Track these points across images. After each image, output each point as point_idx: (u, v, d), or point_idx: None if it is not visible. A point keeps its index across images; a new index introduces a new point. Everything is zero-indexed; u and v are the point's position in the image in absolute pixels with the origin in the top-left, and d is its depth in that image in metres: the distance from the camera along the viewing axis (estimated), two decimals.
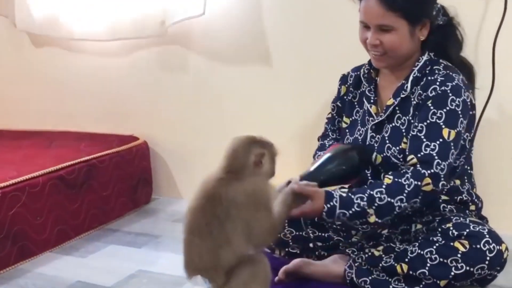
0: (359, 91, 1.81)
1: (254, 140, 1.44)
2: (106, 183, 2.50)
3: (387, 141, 1.69)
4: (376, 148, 1.71)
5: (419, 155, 1.56)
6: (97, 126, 2.89)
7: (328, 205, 1.53)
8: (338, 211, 1.53)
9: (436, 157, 1.54)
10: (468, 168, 1.74)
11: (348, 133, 1.81)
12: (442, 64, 1.67)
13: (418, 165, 1.55)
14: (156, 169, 2.80)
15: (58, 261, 2.13)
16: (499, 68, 1.99)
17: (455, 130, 1.57)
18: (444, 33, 1.68)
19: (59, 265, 2.10)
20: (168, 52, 2.68)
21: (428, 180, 1.52)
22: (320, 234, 1.82)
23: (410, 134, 1.61)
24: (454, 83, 1.60)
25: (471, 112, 1.66)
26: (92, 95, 2.90)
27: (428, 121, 1.58)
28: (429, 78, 1.63)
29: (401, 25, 1.57)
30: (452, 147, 1.57)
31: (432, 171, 1.53)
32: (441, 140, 1.56)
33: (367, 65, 1.80)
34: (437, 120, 1.57)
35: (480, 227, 1.51)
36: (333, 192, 1.55)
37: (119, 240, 2.32)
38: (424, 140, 1.57)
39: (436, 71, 1.64)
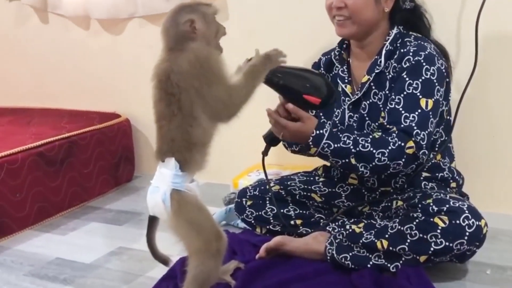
0: (331, 74, 1.81)
1: (180, 8, 1.38)
2: (87, 160, 2.47)
3: (366, 118, 1.69)
4: (355, 127, 1.70)
5: (400, 126, 1.57)
6: (79, 103, 2.85)
7: (318, 132, 1.55)
8: (325, 141, 1.55)
9: (415, 128, 1.56)
10: (447, 139, 1.74)
11: (323, 117, 1.81)
12: (413, 36, 1.69)
13: (400, 133, 1.57)
14: (138, 147, 2.77)
15: (37, 238, 2.11)
16: (482, 45, 1.98)
17: (432, 99, 1.59)
18: (411, 16, 1.72)
19: (38, 242, 2.08)
20: (150, 28, 2.64)
21: (411, 143, 1.55)
22: (301, 211, 1.81)
23: (388, 107, 1.61)
24: (426, 52, 1.62)
25: (447, 79, 1.67)
26: (74, 71, 2.86)
27: (405, 93, 1.59)
28: (402, 50, 1.65)
29: None
30: (431, 116, 1.59)
31: (413, 138, 1.56)
32: (419, 110, 1.57)
33: (337, 48, 1.81)
34: (414, 91, 1.59)
35: (460, 202, 1.51)
36: (325, 122, 1.57)
37: (100, 218, 2.30)
38: (403, 112, 1.58)
39: (408, 43, 1.65)
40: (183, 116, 1.35)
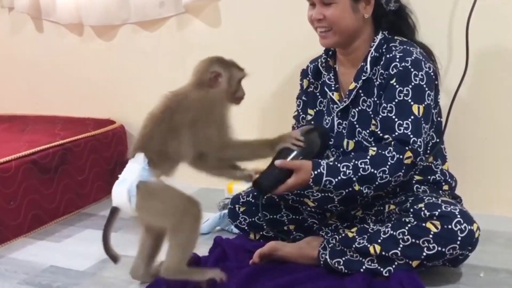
0: (320, 82, 1.82)
1: (216, 60, 1.59)
2: (81, 167, 2.47)
3: (357, 126, 1.69)
4: (345, 134, 1.70)
5: (394, 135, 1.57)
6: (73, 110, 2.85)
7: (316, 172, 1.55)
8: (325, 178, 1.55)
9: (411, 136, 1.56)
10: (439, 141, 1.75)
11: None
12: (398, 40, 1.69)
13: (394, 143, 1.57)
14: None
15: (32, 246, 2.11)
16: (472, 50, 1.99)
17: (423, 105, 1.59)
18: (396, 18, 1.72)
19: (33, 250, 2.07)
20: (143, 34, 2.65)
21: (409, 153, 1.56)
22: (294, 217, 1.81)
23: (380, 116, 1.61)
24: (413, 57, 1.62)
25: (436, 82, 1.68)
26: (68, 78, 2.86)
27: (396, 100, 1.59)
28: (388, 56, 1.65)
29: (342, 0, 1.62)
30: (423, 122, 1.59)
31: (410, 147, 1.56)
32: (412, 117, 1.58)
33: (324, 55, 1.82)
34: (405, 98, 1.59)
35: (452, 207, 1.51)
36: (319, 160, 1.57)
37: (95, 225, 2.29)
38: (396, 119, 1.58)
39: (393, 48, 1.65)
40: (170, 128, 1.51)
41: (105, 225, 1.58)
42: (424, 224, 1.50)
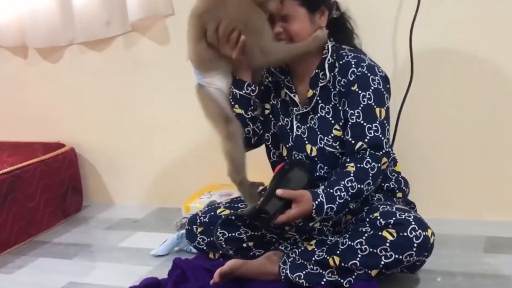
0: (272, 79, 1.82)
1: None
2: (32, 194, 2.40)
3: (318, 132, 1.71)
4: (306, 139, 1.72)
5: (366, 140, 1.60)
6: (21, 134, 2.77)
7: (316, 202, 1.54)
8: (326, 206, 1.55)
9: (382, 138, 1.61)
10: (391, 144, 1.80)
11: (273, 119, 1.81)
12: (346, 48, 1.73)
13: (370, 150, 1.60)
14: (85, 176, 2.71)
15: None
16: (416, 58, 2.04)
17: (384, 108, 1.64)
18: (338, 25, 1.76)
19: None
20: (91, 54, 2.60)
21: (384, 159, 1.61)
22: (253, 233, 1.80)
23: (350, 123, 1.62)
24: (367, 63, 1.66)
25: (388, 86, 1.72)
26: (14, 102, 2.79)
27: (361, 105, 1.63)
28: (341, 62, 1.68)
29: (301, 13, 1.65)
30: (386, 124, 1.64)
31: (384, 151, 1.61)
32: (378, 120, 1.62)
33: None
34: (368, 102, 1.62)
35: (406, 214, 1.54)
36: (315, 190, 1.57)
37: (49, 252, 2.23)
38: (364, 124, 1.61)
39: (344, 55, 1.69)
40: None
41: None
42: (380, 233, 1.52)
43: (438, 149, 2.16)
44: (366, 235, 1.54)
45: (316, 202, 1.54)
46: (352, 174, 1.58)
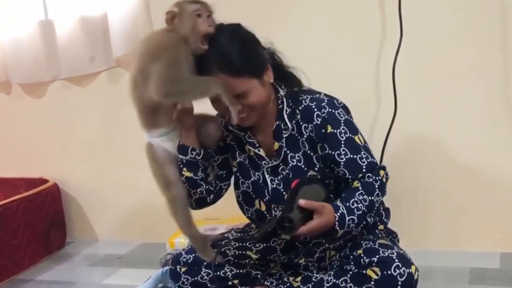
0: (233, 136, 1.77)
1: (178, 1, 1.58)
2: (14, 231, 2.38)
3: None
4: (282, 190, 1.71)
5: (364, 170, 1.61)
6: (4, 170, 2.75)
7: (338, 213, 1.53)
8: (348, 218, 1.53)
9: (372, 160, 1.63)
10: None
11: (241, 177, 1.77)
12: (299, 91, 1.69)
13: (367, 174, 1.61)
14: (69, 211, 2.69)
15: None
16: (400, 91, 2.08)
17: (359, 134, 1.66)
18: (277, 69, 1.70)
19: None
20: (75, 90, 2.61)
21: (382, 172, 1.64)
22: (238, 271, 1.79)
23: (342, 162, 1.62)
24: (326, 101, 1.65)
25: (350, 113, 1.72)
26: None
27: (342, 142, 1.63)
28: (300, 108, 1.66)
29: (253, 83, 1.60)
30: (368, 146, 1.66)
31: (377, 167, 1.63)
32: (361, 147, 1.63)
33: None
34: (346, 135, 1.63)
35: (389, 251, 1.54)
36: (335, 202, 1.56)
37: None
38: (355, 157, 1.62)
39: (301, 99, 1.67)
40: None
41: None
42: (364, 271, 1.52)
43: (421, 181, 2.19)
44: (350, 273, 1.54)
45: (338, 214, 1.53)
46: (360, 189, 1.59)
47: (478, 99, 2.09)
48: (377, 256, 1.53)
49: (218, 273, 1.78)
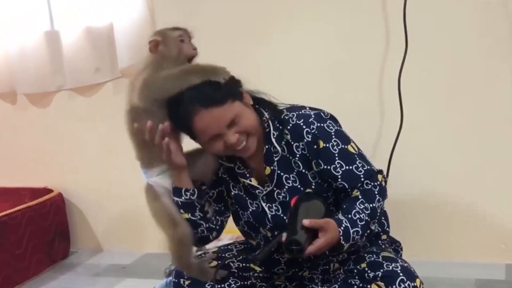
0: (224, 168, 1.75)
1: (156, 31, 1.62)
2: (19, 241, 2.38)
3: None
4: (282, 215, 1.68)
5: (362, 179, 1.61)
6: (9, 180, 2.76)
7: (342, 227, 1.52)
8: (352, 230, 1.53)
9: (369, 167, 1.62)
10: None
11: (239, 209, 1.76)
12: (283, 110, 1.67)
13: (365, 181, 1.60)
14: (73, 221, 2.70)
15: None
16: (405, 103, 2.08)
17: (351, 142, 1.65)
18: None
19: None
20: (80, 100, 2.62)
21: (380, 176, 1.63)
22: (242, 283, 1.78)
23: (339, 175, 1.61)
24: (312, 115, 1.63)
25: (338, 122, 1.70)
26: (1, 148, 2.78)
27: (336, 155, 1.61)
28: (289, 127, 1.64)
29: (238, 106, 1.58)
30: (362, 152, 1.66)
31: (375, 172, 1.63)
32: (356, 155, 1.62)
33: None
34: (338, 147, 1.62)
35: (393, 264, 1.53)
36: (337, 217, 1.55)
37: None
38: (351, 167, 1.61)
39: (287, 118, 1.64)
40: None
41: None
42: (369, 286, 1.51)
43: (426, 192, 2.18)
44: (355, 287, 1.53)
45: (342, 228, 1.52)
46: (360, 197, 1.58)
47: (485, 110, 2.09)
48: (382, 270, 1.52)
49: (223, 285, 1.77)
